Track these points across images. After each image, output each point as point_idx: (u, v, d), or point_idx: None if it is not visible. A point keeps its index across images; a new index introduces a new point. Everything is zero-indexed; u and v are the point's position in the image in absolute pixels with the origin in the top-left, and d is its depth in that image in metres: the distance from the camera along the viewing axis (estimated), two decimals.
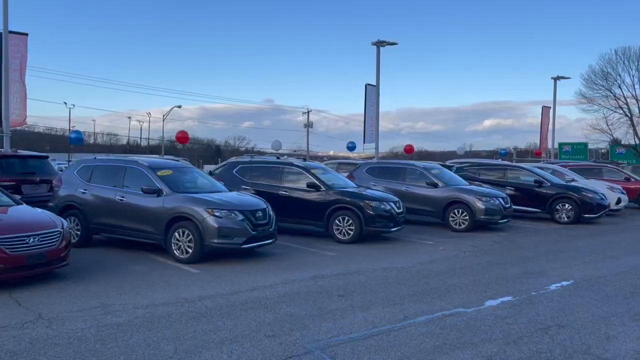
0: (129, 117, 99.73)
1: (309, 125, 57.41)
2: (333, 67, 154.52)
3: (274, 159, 13.58)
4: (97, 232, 9.81)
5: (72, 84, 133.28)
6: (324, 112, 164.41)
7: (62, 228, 7.41)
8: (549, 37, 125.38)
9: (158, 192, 8.94)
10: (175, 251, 8.71)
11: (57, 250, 7.18)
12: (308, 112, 58.48)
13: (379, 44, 26.31)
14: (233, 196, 9.46)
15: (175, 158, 15.36)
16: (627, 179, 21.07)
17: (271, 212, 9.43)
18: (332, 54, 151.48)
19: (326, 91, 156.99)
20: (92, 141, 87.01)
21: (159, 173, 9.27)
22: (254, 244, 8.94)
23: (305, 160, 14.07)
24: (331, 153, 77.26)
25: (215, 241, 8.47)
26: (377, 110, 28.84)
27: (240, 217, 8.68)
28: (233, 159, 14.34)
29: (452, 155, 51.87)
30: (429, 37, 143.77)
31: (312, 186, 11.62)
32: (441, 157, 57.96)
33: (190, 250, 8.56)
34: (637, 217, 17.99)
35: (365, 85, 29.02)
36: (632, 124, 43.20)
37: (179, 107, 48.52)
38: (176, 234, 8.69)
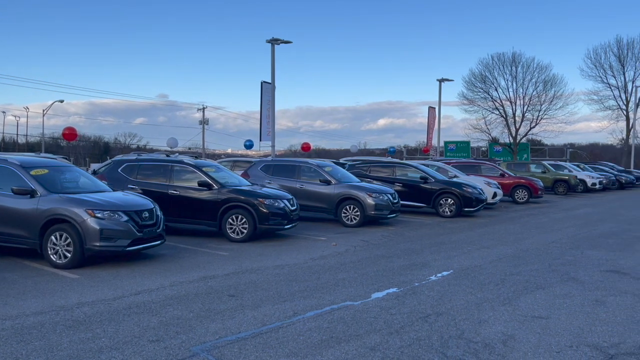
0: (4, 112, 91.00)
1: (204, 122, 56.13)
2: (231, 64, 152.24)
3: (163, 156, 13.10)
4: None
5: None
6: (221, 109, 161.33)
7: None
8: (437, 39, 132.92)
9: (31, 193, 8.25)
10: (52, 256, 8.10)
11: None
12: (203, 108, 57.17)
13: (274, 41, 26.38)
14: (117, 196, 8.98)
15: (53, 156, 14.29)
16: (502, 175, 22.96)
17: (159, 212, 9.08)
18: (230, 50, 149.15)
19: (224, 88, 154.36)
20: None
21: (32, 172, 8.55)
22: (140, 246, 8.56)
23: (196, 158, 13.72)
24: (229, 151, 76.15)
25: (97, 244, 7.98)
26: (273, 108, 28.90)
27: (125, 218, 8.26)
28: (119, 157, 13.64)
29: (347, 153, 53.47)
30: (327, 37, 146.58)
31: (203, 185, 11.35)
32: (337, 155, 59.48)
33: (69, 255, 8.00)
34: (511, 210, 19.64)
35: (261, 83, 28.96)
36: (507, 124, 47.21)
37: (61, 101, 45.49)
38: (53, 237, 8.08)
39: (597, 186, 29.74)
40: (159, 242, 9.01)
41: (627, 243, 11.70)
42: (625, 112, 50.75)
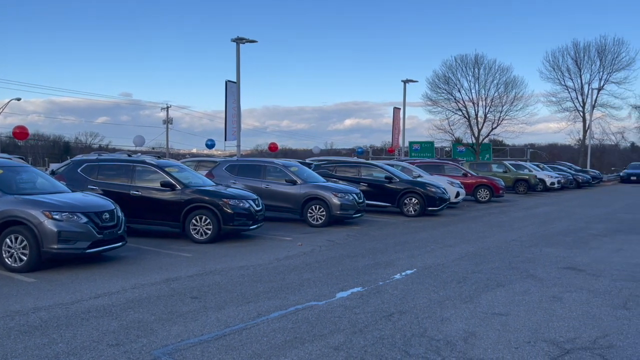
0: None
1: (168, 121, 55.22)
2: (196, 62, 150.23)
3: (124, 156, 12.82)
4: None
5: None
6: (186, 108, 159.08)
7: None
8: (402, 40, 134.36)
9: None
10: (6, 259, 7.82)
11: None
12: (167, 107, 56.23)
13: (239, 40, 26.18)
14: (76, 197, 8.74)
15: (8, 156, 13.82)
16: (465, 175, 23.37)
17: (120, 213, 8.88)
18: (195, 49, 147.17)
19: (189, 87, 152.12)
20: None
21: None
22: (101, 248, 8.35)
23: (160, 158, 13.49)
24: (194, 150, 75.09)
25: (55, 247, 7.75)
26: (239, 107, 28.66)
27: (84, 219, 8.05)
28: (78, 157, 13.29)
29: (314, 153, 53.57)
30: (294, 37, 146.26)
31: (166, 185, 11.15)
32: (304, 155, 59.55)
33: (25, 258, 7.74)
34: (473, 209, 20.03)
35: (226, 82, 28.65)
36: (470, 125, 48.11)
37: (18, 99, 43.82)
38: (7, 240, 7.81)
39: (556, 185, 30.65)
40: (120, 243, 8.82)
41: (583, 241, 12.08)
42: (581, 114, 52.50)
